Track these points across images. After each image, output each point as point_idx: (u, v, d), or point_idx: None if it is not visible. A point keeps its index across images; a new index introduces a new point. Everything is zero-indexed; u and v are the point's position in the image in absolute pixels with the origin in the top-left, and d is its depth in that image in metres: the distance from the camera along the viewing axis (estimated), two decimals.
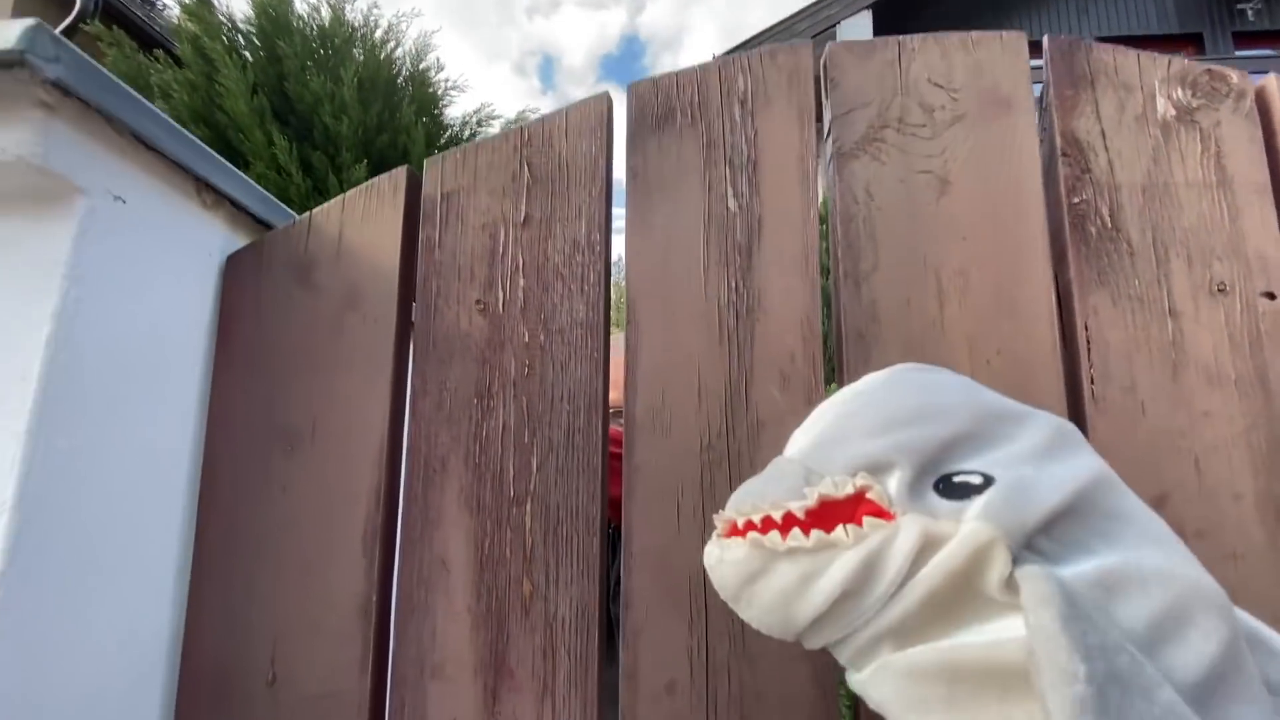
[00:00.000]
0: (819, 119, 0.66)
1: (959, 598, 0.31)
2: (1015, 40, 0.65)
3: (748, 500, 0.36)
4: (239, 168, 4.13)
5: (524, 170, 0.66)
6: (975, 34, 0.65)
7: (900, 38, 0.66)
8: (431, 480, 0.62)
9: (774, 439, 0.60)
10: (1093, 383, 0.59)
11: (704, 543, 0.61)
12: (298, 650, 0.61)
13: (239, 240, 0.72)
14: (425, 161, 0.68)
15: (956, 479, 0.32)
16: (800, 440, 0.38)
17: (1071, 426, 0.35)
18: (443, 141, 4.63)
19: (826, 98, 0.66)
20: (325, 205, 0.69)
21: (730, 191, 0.64)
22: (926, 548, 0.31)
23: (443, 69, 4.71)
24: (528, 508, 0.61)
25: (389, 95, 4.07)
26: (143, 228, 0.62)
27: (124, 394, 0.59)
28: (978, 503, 0.31)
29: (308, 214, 0.68)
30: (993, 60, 0.64)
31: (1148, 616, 0.27)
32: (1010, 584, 0.28)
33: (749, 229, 0.63)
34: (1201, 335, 0.60)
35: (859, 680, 0.34)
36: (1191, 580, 0.29)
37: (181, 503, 0.64)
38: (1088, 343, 0.60)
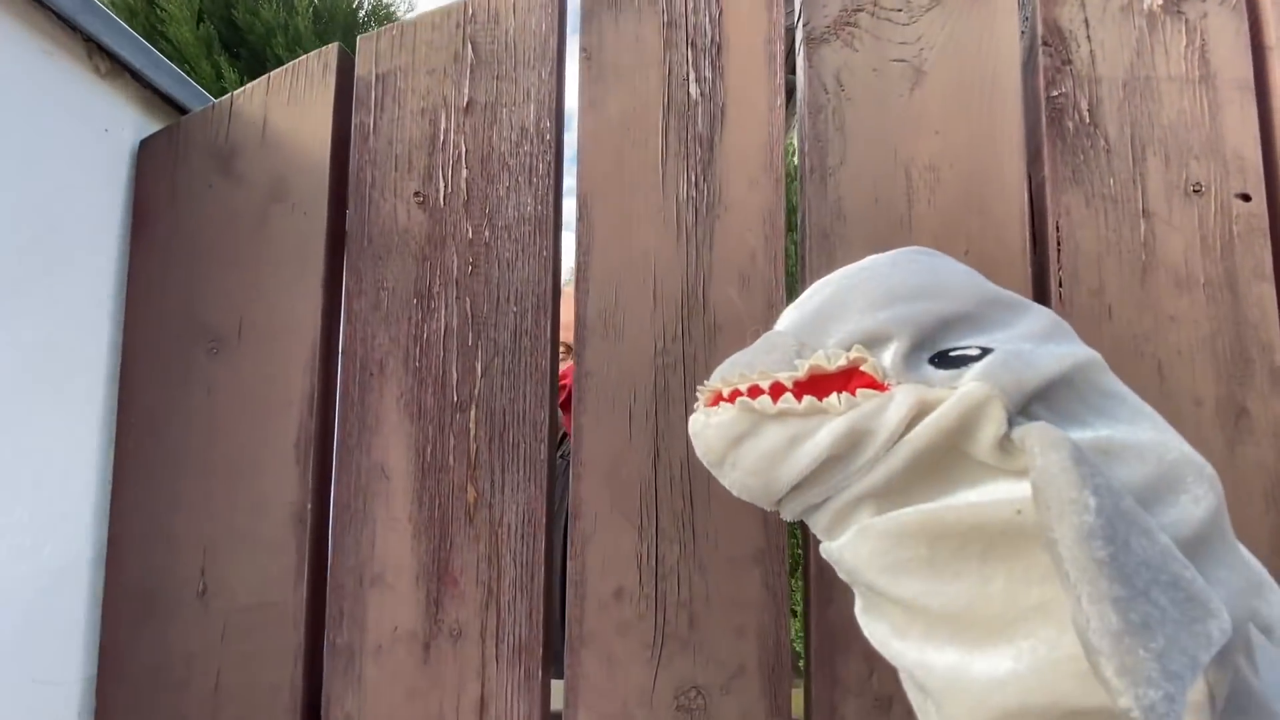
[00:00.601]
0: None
1: (947, 460, 0.30)
2: None
3: (735, 370, 0.35)
4: None
5: (467, 49, 0.60)
6: None
7: None
8: (369, 384, 0.58)
9: (731, 343, 0.57)
10: (1060, 285, 0.57)
11: (656, 450, 0.59)
12: (229, 560, 0.58)
13: (151, 122, 0.65)
14: (358, 38, 0.62)
15: (954, 353, 0.32)
16: (793, 314, 0.37)
17: (1065, 322, 0.36)
18: None
19: None
20: (248, 86, 0.62)
21: (692, 76, 0.59)
22: (920, 414, 0.30)
23: (412, 9, 4.49)
24: (472, 413, 0.58)
25: (349, 30, 3.82)
26: (17, 86, 0.54)
27: (14, 280, 0.54)
28: (974, 368, 0.30)
29: (228, 96, 0.62)
30: None
31: (1142, 479, 0.28)
32: (1004, 446, 0.28)
33: (711, 118, 0.59)
34: (1173, 238, 0.58)
35: (834, 547, 0.33)
36: (1185, 452, 0.29)
37: (100, 404, 0.59)
38: (1058, 244, 0.57)
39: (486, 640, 0.55)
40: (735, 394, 0.34)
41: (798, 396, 0.33)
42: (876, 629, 0.33)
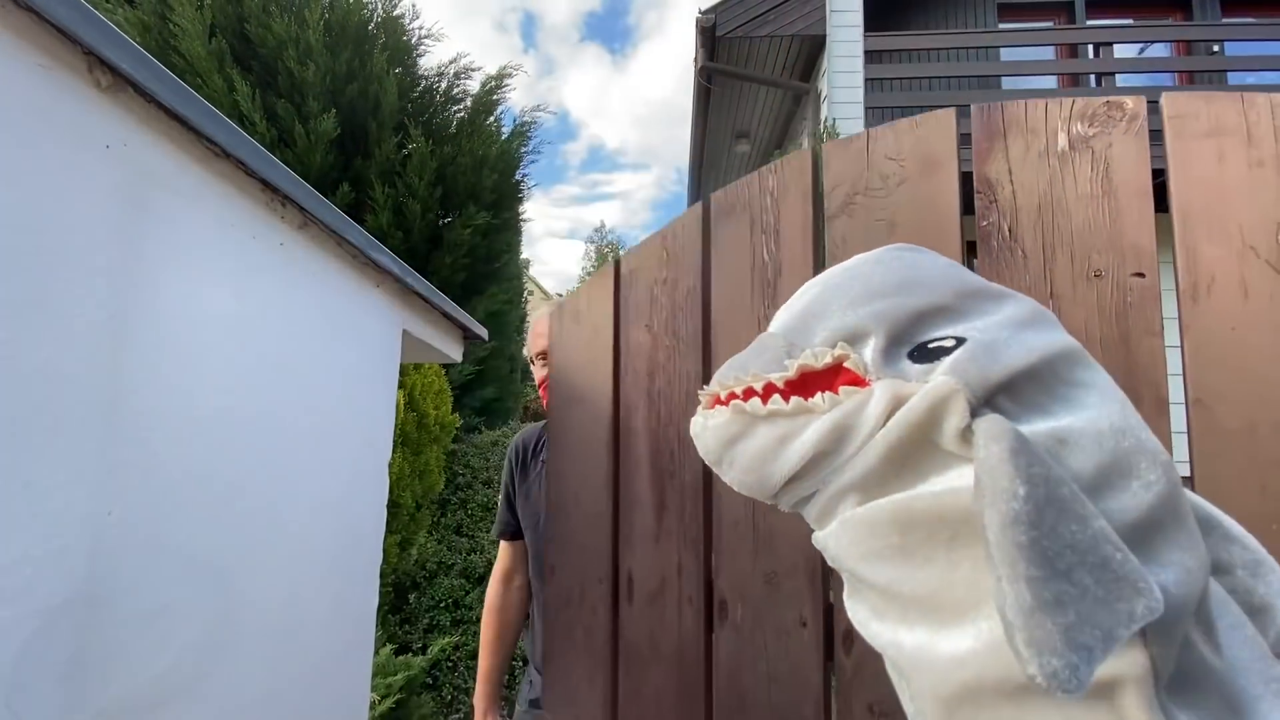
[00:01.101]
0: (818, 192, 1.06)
1: (919, 451, 0.31)
2: (947, 116, 0.94)
3: (730, 374, 0.38)
4: None
5: (664, 253, 1.24)
6: (919, 116, 0.96)
7: (871, 130, 1.01)
8: (631, 417, 1.26)
9: None
10: None
11: None
12: (585, 495, 1.33)
13: (153, 137, 0.66)
14: (621, 254, 1.31)
15: (932, 344, 0.33)
16: (783, 315, 0.40)
17: (1048, 311, 0.37)
18: (417, 93, 4.14)
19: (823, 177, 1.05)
20: (586, 284, 1.38)
21: (765, 250, 1.10)
22: (896, 408, 0.32)
23: (418, 17, 4.32)
24: (671, 429, 1.20)
25: (359, 42, 3.76)
26: (12, 102, 0.52)
27: (4, 302, 0.54)
28: (945, 361, 0.32)
29: (580, 288, 1.39)
30: (929, 134, 0.95)
31: (1095, 466, 0.29)
32: (966, 435, 0.29)
33: (775, 271, 1.09)
34: (1076, 311, 0.83)
35: (821, 537, 0.36)
36: (1141, 439, 0.30)
37: (98, 433, 0.63)
38: None
39: (678, 538, 1.16)
40: (731, 396, 0.37)
41: (785, 397, 0.35)
42: (858, 611, 0.34)
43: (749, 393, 0.37)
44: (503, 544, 1.57)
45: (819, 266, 1.06)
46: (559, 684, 1.34)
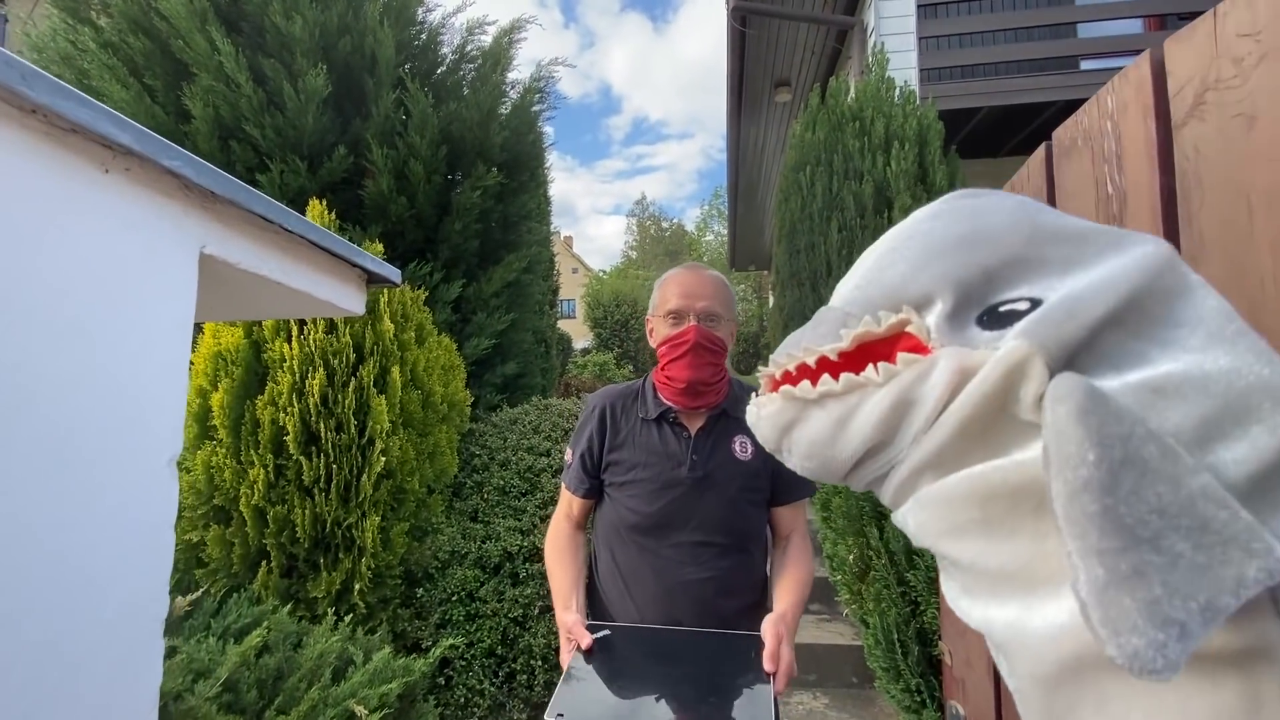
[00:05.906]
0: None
1: (997, 424, 0.31)
2: None
3: (784, 352, 0.38)
4: (183, 80, 3.49)
5: None
6: None
7: (1218, 5, 0.96)
8: None
9: None
10: None
11: None
12: None
13: None
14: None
15: (1003, 308, 0.33)
16: (842, 287, 0.40)
17: (1142, 236, 0.35)
18: (418, 46, 4.22)
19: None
20: None
21: (1109, 182, 1.16)
22: (963, 379, 0.32)
23: None
24: None
25: None
26: None
27: None
28: (1017, 325, 0.32)
29: None
30: None
31: (1200, 415, 0.28)
32: (1044, 401, 0.29)
33: (1120, 203, 1.15)
34: None
35: (899, 516, 0.36)
36: (1262, 376, 0.29)
37: None
38: None
39: None
40: (786, 377, 0.38)
41: (836, 374, 0.35)
42: (950, 588, 0.36)
43: (803, 370, 0.38)
44: (576, 498, 1.60)
45: (1168, 190, 1.17)
46: None
